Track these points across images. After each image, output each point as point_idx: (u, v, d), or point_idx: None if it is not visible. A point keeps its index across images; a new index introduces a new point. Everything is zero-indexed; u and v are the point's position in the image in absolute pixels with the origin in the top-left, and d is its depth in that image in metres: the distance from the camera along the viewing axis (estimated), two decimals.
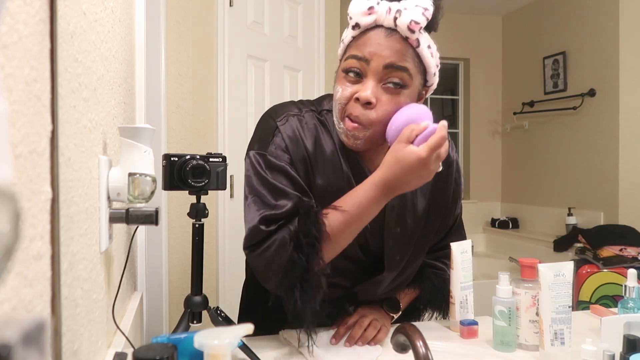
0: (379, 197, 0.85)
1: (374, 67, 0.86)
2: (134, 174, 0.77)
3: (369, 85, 0.86)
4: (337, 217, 0.86)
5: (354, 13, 0.87)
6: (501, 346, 0.96)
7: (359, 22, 0.87)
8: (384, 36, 0.86)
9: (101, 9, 0.77)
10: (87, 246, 0.65)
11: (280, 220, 0.87)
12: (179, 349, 0.62)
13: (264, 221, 0.87)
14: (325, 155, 0.94)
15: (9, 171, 0.26)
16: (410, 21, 0.84)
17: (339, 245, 0.89)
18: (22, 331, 0.25)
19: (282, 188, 0.89)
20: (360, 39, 0.88)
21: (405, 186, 0.84)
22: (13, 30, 0.38)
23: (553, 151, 3.57)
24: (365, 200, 0.85)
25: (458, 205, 1.12)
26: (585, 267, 2.59)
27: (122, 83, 1.01)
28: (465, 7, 3.95)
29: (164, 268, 1.76)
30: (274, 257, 0.86)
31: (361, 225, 0.88)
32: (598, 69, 3.17)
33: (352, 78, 0.88)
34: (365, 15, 0.86)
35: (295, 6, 2.52)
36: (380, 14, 0.85)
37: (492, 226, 4.03)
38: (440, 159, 0.83)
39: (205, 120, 2.10)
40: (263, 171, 0.91)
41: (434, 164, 0.82)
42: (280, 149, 0.92)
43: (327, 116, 0.97)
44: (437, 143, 0.80)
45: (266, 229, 0.87)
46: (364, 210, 0.86)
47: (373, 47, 0.86)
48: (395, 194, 0.86)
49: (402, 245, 1.02)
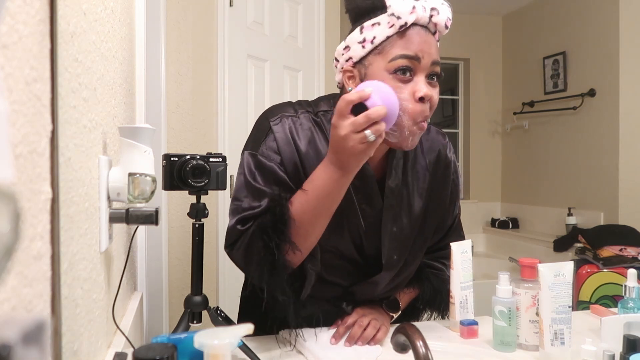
0: (331, 173, 0.84)
1: (424, 64, 0.88)
2: (134, 174, 0.77)
3: (424, 82, 0.88)
4: (300, 198, 0.88)
5: (402, 12, 0.87)
6: (501, 346, 0.96)
7: (407, 21, 0.87)
8: (425, 33, 0.89)
9: (101, 9, 0.77)
10: (87, 246, 0.65)
11: (256, 218, 0.90)
12: (179, 349, 0.62)
13: (240, 221, 0.91)
14: (320, 156, 0.94)
15: (9, 171, 0.26)
16: (447, 19, 0.90)
17: (308, 228, 0.89)
18: (22, 331, 0.25)
19: (263, 190, 0.91)
20: (403, 37, 0.88)
21: (343, 163, 0.82)
22: (13, 30, 0.38)
23: (553, 151, 3.57)
24: (320, 179, 0.86)
25: (456, 206, 1.12)
26: (585, 267, 2.59)
27: (122, 83, 1.01)
28: (465, 7, 3.95)
29: (164, 268, 1.76)
30: (248, 249, 0.89)
31: (325, 207, 0.88)
32: (598, 69, 3.17)
33: (404, 77, 0.87)
34: (411, 14, 0.87)
35: (295, 6, 2.52)
36: (420, 12, 0.87)
37: (492, 226, 4.03)
38: (356, 128, 0.77)
39: (205, 120, 2.10)
40: (250, 172, 0.93)
41: (344, 130, 0.77)
42: (272, 150, 0.93)
43: (324, 117, 0.97)
44: (340, 108, 0.78)
45: (242, 228, 0.90)
46: (323, 189, 0.86)
47: (422, 45, 0.88)
48: (347, 172, 0.84)
49: (399, 244, 1.02)
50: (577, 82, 3.34)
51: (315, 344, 0.95)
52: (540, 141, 3.71)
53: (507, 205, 4.11)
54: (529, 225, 3.81)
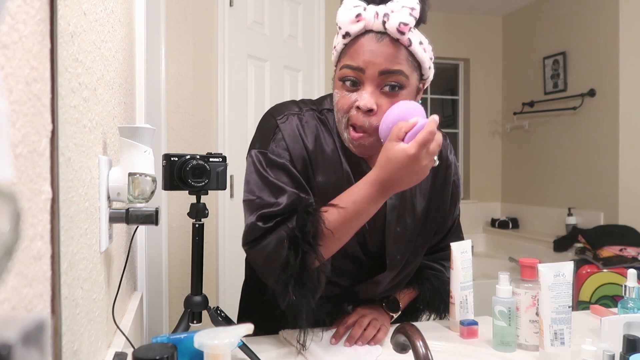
0: (375, 195, 0.85)
1: (369, 74, 0.86)
2: (134, 174, 0.77)
3: (367, 92, 0.86)
4: (335, 215, 0.87)
5: (343, 22, 0.87)
6: (501, 346, 0.96)
7: (348, 31, 0.87)
8: (375, 42, 0.85)
9: (101, 9, 0.77)
10: (87, 246, 0.65)
11: (278, 216, 0.88)
12: (179, 349, 0.62)
13: (262, 218, 0.88)
14: (326, 153, 0.95)
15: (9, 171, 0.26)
16: (399, 24, 0.83)
17: (337, 242, 0.90)
18: (22, 331, 0.25)
19: (281, 186, 0.90)
20: (352, 47, 0.88)
21: (400, 184, 0.84)
22: (13, 30, 0.38)
23: (553, 151, 3.57)
24: (361, 199, 0.85)
25: (457, 208, 1.12)
26: (585, 267, 2.59)
27: (122, 83, 1.01)
28: (465, 7, 3.95)
29: (164, 268, 1.76)
30: (272, 253, 0.87)
31: (359, 223, 0.89)
32: (598, 69, 3.17)
33: (349, 87, 0.88)
34: (354, 23, 0.86)
35: (295, 6, 2.52)
36: (369, 19, 0.85)
37: (492, 226, 4.03)
38: (433, 154, 0.82)
39: (205, 120, 2.10)
40: (264, 169, 0.92)
41: (425, 160, 0.81)
42: (281, 147, 0.93)
43: (328, 115, 0.98)
44: (425, 138, 0.79)
45: (263, 226, 0.88)
46: (362, 208, 0.86)
47: (366, 55, 0.85)
48: (392, 192, 0.86)
49: (403, 245, 1.02)
50: (577, 82, 3.34)
51: (315, 345, 0.95)
52: (540, 141, 3.71)
53: (507, 205, 4.11)
54: (529, 225, 3.81)
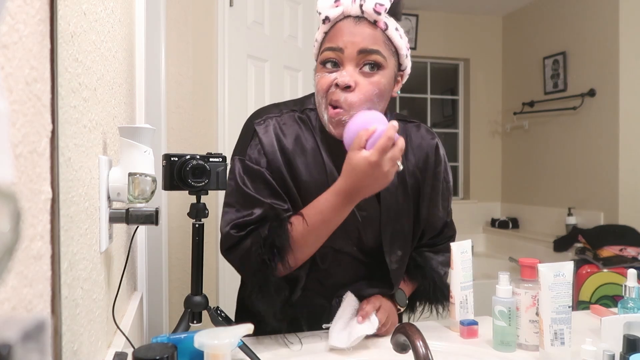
0: (340, 205, 0.88)
1: (348, 54, 0.89)
2: (134, 174, 0.77)
3: (347, 71, 0.89)
4: (303, 225, 0.91)
5: (323, 7, 0.92)
6: (501, 346, 0.96)
7: (328, 15, 0.91)
8: (354, 24, 0.90)
9: (101, 9, 0.77)
10: (87, 246, 0.65)
11: (251, 225, 0.93)
12: (179, 349, 0.62)
13: (235, 227, 0.94)
14: (307, 152, 0.97)
15: (9, 171, 0.26)
16: (375, 4, 0.88)
17: (305, 251, 0.94)
18: (22, 331, 0.25)
19: (255, 196, 0.94)
20: (332, 31, 0.92)
21: (365, 191, 0.87)
22: (13, 30, 0.38)
23: (553, 151, 3.57)
24: (327, 209, 0.89)
25: (449, 203, 1.14)
26: (585, 267, 2.59)
27: (122, 83, 1.01)
28: (465, 7, 3.95)
29: (164, 268, 1.76)
30: (244, 260, 0.93)
31: (327, 232, 0.92)
32: (598, 69, 3.17)
33: (330, 68, 0.92)
34: (333, 8, 0.91)
35: (295, 6, 2.52)
36: (346, 4, 0.90)
37: (492, 226, 4.03)
38: (395, 159, 0.84)
39: (205, 120, 2.10)
40: (241, 179, 0.95)
41: (387, 165, 0.83)
42: (258, 152, 0.96)
43: (311, 114, 1.00)
44: (384, 144, 0.82)
45: (236, 234, 0.93)
46: (328, 218, 0.90)
47: (345, 36, 0.90)
48: (357, 200, 0.89)
49: (400, 241, 1.04)
50: (577, 82, 3.34)
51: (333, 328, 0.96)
52: (540, 141, 3.71)
53: (507, 205, 4.11)
54: (529, 225, 3.81)
